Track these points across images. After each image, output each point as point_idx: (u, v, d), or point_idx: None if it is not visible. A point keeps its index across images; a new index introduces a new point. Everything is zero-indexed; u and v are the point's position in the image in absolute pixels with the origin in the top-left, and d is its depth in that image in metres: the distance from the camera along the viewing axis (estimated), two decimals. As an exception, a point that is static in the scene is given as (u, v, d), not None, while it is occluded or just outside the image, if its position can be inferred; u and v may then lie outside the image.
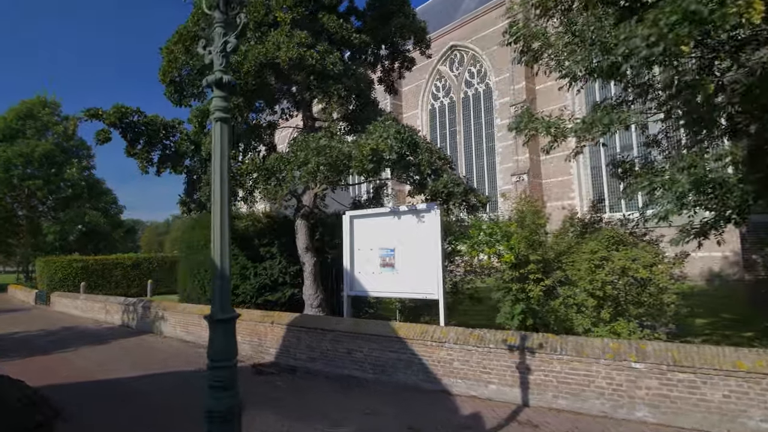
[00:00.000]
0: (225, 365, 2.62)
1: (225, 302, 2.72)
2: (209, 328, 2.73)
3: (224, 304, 2.71)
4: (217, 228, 2.77)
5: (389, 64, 13.13)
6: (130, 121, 9.03)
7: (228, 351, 2.67)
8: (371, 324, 7.74)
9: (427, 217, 7.82)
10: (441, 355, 6.69)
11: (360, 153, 7.06)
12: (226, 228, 2.79)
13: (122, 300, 15.09)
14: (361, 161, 7.16)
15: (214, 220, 2.79)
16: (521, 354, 6.06)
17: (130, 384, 7.61)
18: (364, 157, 7.04)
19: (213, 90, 2.88)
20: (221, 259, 2.73)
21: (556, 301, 7.29)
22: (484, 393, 6.30)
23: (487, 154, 27.46)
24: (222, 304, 2.70)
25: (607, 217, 8.81)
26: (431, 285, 7.57)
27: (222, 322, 2.67)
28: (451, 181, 9.29)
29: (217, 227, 2.77)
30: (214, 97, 2.86)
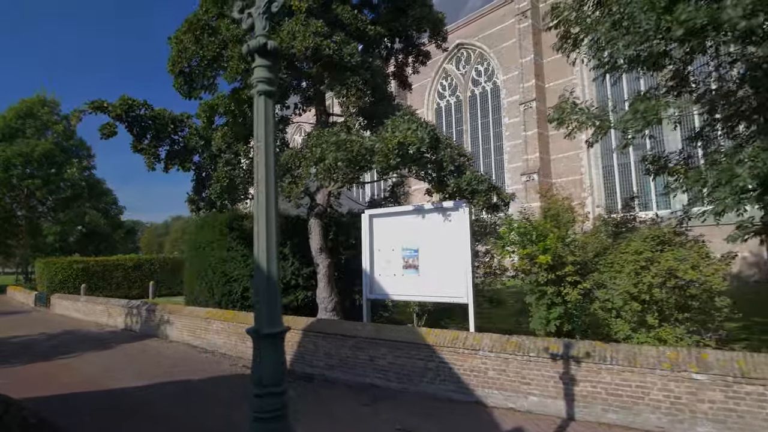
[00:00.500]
0: (274, 391, 2.14)
1: (273, 312, 2.24)
2: (253, 345, 2.25)
3: (273, 314, 2.23)
4: (262, 222, 2.29)
5: (403, 58, 12.68)
6: (137, 115, 8.55)
7: (277, 373, 2.19)
8: (396, 330, 7.25)
9: (454, 216, 7.35)
10: (474, 363, 6.21)
11: (385, 146, 6.58)
12: (272, 222, 2.31)
13: (125, 302, 14.59)
14: (386, 155, 6.69)
15: (258, 212, 2.31)
16: (566, 363, 5.58)
17: (136, 394, 7.11)
18: (390, 151, 6.56)
19: (255, 58, 2.41)
20: (268, 259, 2.25)
21: (594, 304, 6.84)
22: (524, 405, 5.82)
23: (495, 153, 27.01)
24: (270, 314, 2.22)
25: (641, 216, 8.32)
26: (459, 288, 7.09)
27: (270, 338, 2.19)
28: (475, 179, 8.81)
29: (262, 221, 2.29)
30: (257, 66, 2.39)
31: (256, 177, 2.35)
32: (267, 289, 2.25)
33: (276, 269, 2.28)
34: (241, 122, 9.57)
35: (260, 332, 2.18)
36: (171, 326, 11.59)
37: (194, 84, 8.36)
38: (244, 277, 10.47)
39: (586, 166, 22.65)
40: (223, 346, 9.86)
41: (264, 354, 2.20)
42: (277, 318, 2.25)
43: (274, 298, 2.25)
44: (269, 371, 2.18)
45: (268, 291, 2.25)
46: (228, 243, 10.87)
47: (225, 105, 9.38)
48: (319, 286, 9.92)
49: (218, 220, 11.14)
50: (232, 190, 8.84)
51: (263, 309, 2.23)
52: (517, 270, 7.13)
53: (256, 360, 2.23)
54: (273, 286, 2.26)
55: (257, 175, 2.35)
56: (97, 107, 8.04)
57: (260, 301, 2.25)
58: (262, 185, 2.31)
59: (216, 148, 8.86)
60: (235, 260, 10.68)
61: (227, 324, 9.81)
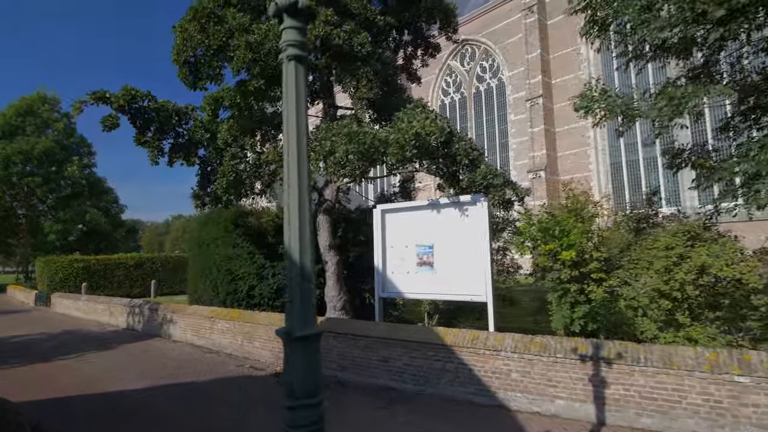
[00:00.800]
0: (309, 403, 1.83)
1: (307, 311, 1.93)
2: (285, 350, 1.94)
3: (306, 314, 1.92)
4: (294, 208, 1.98)
5: (411, 51, 12.36)
6: (140, 106, 8.22)
7: (312, 382, 1.88)
8: (411, 329, 6.95)
9: (471, 210, 7.03)
10: (496, 365, 5.90)
11: (402, 137, 6.26)
12: (306, 208, 2.00)
13: (127, 301, 14.29)
14: (401, 147, 6.37)
15: (289, 197, 2.00)
16: (596, 365, 5.27)
17: (139, 397, 6.80)
18: (406, 142, 6.25)
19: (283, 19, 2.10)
20: (301, 250, 1.94)
21: (620, 303, 6.53)
22: (550, 409, 5.51)
23: (500, 150, 26.68)
24: (303, 314, 1.91)
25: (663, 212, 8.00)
26: (477, 286, 6.78)
27: (304, 342, 1.89)
28: (490, 173, 8.50)
29: (294, 207, 1.98)
30: (286, 28, 2.08)
31: (286, 156, 2.04)
32: (300, 285, 1.94)
33: (310, 262, 1.97)
34: (247, 115, 9.26)
35: (292, 335, 1.87)
36: (174, 326, 11.29)
37: (200, 74, 8.04)
38: (250, 276, 10.16)
39: (593, 163, 22.34)
40: (228, 346, 9.57)
41: (296, 360, 1.89)
42: (311, 318, 1.94)
43: (307, 295, 1.94)
44: (303, 380, 1.87)
45: (302, 287, 1.94)
46: (233, 240, 10.56)
47: (230, 97, 9.07)
48: (327, 284, 9.62)
49: (223, 217, 10.84)
50: (238, 185, 8.53)
51: (296, 308, 1.92)
52: (537, 267, 6.81)
53: (287, 367, 1.92)
54: (307, 282, 1.95)
55: (287, 153, 2.04)
56: (98, 98, 7.72)
57: (292, 299, 1.94)
58: (293, 166, 2.00)
59: (222, 141, 8.54)
60: (240, 258, 10.37)
61: (233, 323, 9.51)
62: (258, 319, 9.04)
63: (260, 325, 8.92)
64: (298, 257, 1.95)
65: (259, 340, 8.94)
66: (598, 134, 22.41)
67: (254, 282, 10.11)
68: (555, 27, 24.43)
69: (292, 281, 1.96)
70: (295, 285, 1.95)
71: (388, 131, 6.75)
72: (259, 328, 8.95)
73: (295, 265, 1.95)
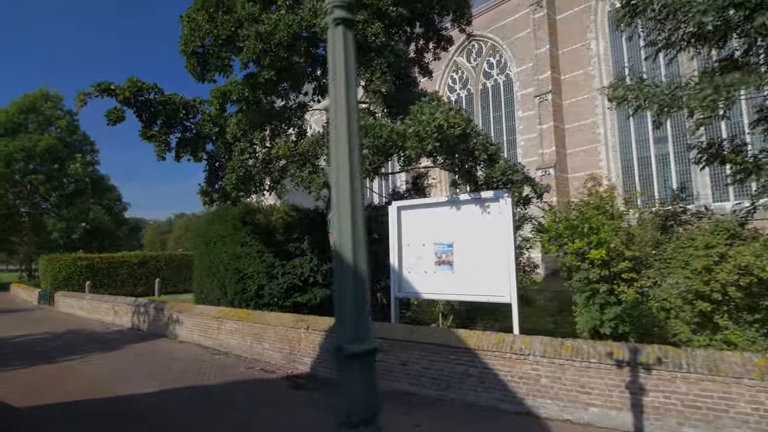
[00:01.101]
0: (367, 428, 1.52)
1: (361, 322, 1.61)
2: (337, 366, 1.62)
3: (361, 325, 1.60)
4: (345, 202, 1.66)
5: (423, 44, 12.01)
6: (146, 99, 7.90)
7: (370, 404, 1.57)
8: (431, 331, 6.64)
9: (493, 207, 6.71)
10: (524, 369, 5.59)
11: (423, 130, 5.94)
12: (359, 201, 1.69)
13: (131, 301, 14.03)
14: (422, 140, 6.05)
15: (339, 189, 1.69)
16: (633, 370, 4.95)
17: (147, 401, 6.51)
18: (428, 135, 5.93)
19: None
20: (354, 248, 1.63)
21: (651, 304, 6.22)
22: (583, 417, 5.20)
23: (508, 147, 26.27)
24: (357, 325, 1.60)
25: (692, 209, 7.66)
26: (500, 286, 6.46)
27: (359, 358, 1.57)
28: (509, 168, 8.18)
29: (345, 201, 1.66)
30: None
31: (334, 139, 1.72)
32: (353, 291, 1.62)
33: (365, 264, 1.66)
34: (256, 109, 8.95)
35: (346, 350, 1.56)
36: (181, 326, 11.02)
37: (208, 65, 7.73)
38: (259, 275, 9.86)
39: (604, 160, 21.94)
40: (237, 348, 9.28)
41: (351, 380, 1.57)
42: (367, 330, 1.62)
43: (362, 302, 1.63)
44: (360, 400, 1.56)
45: (355, 293, 1.62)
46: (241, 238, 10.26)
47: (238, 91, 8.76)
48: (339, 283, 9.31)
49: (230, 214, 10.54)
50: (247, 181, 8.22)
51: (348, 318, 1.61)
52: (563, 266, 6.49)
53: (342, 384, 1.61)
54: (361, 288, 1.63)
55: (336, 136, 1.72)
56: (103, 90, 7.41)
57: (344, 308, 1.62)
58: (343, 149, 1.69)
59: (231, 135, 8.23)
60: (249, 256, 10.07)
61: (242, 324, 9.22)
62: (268, 320, 8.75)
63: (270, 325, 8.63)
64: (351, 256, 1.64)
65: (269, 341, 8.65)
66: (609, 131, 22.01)
67: (263, 281, 9.81)
68: (564, 22, 24.01)
69: (342, 285, 1.65)
70: (346, 290, 1.63)
71: (406, 124, 6.43)
72: (268, 329, 8.66)
73: (346, 265, 1.63)
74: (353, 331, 1.59)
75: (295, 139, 9.12)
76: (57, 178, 31.96)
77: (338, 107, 1.73)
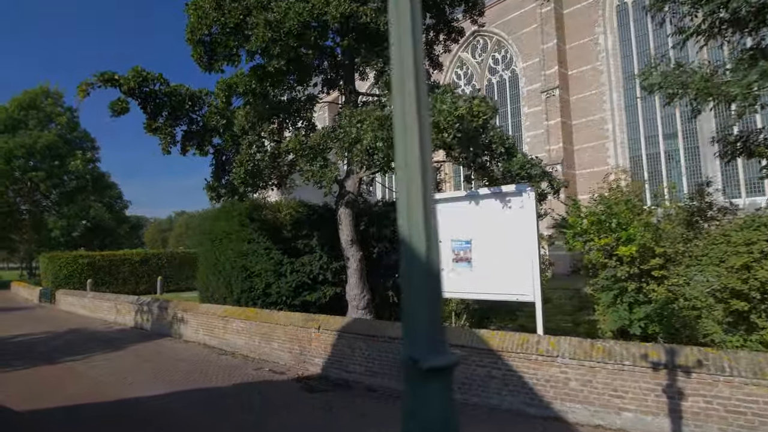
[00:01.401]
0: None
1: (437, 330, 1.32)
2: (406, 382, 1.33)
3: (436, 333, 1.31)
4: (416, 190, 1.37)
5: (433, 35, 11.69)
6: (151, 90, 7.60)
7: (449, 428, 1.28)
8: (450, 332, 6.36)
9: (515, 202, 6.42)
10: (551, 372, 5.31)
11: (443, 120, 5.64)
12: (430, 189, 1.39)
13: (134, 299, 13.76)
14: (441, 131, 5.76)
15: (408, 175, 1.39)
16: (671, 374, 4.67)
17: (153, 405, 6.24)
18: (449, 125, 5.64)
19: None
20: (427, 245, 1.34)
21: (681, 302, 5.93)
22: (615, 422, 4.92)
23: (514, 144, 26.03)
24: (433, 333, 1.31)
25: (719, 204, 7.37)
26: (523, 284, 6.17)
27: (439, 374, 1.28)
28: (528, 162, 7.91)
29: (416, 188, 1.37)
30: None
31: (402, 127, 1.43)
32: (428, 292, 1.33)
33: (438, 259, 1.37)
34: (263, 102, 8.66)
35: (421, 364, 1.27)
36: (185, 325, 10.74)
37: (215, 55, 7.43)
38: (267, 272, 9.58)
39: (612, 156, 21.65)
40: (244, 347, 9.01)
41: (426, 400, 1.28)
42: (443, 339, 1.33)
43: (438, 305, 1.34)
44: (434, 427, 1.27)
45: (430, 294, 1.33)
46: (248, 235, 9.97)
47: (245, 83, 8.46)
48: (349, 281, 9.04)
49: (237, 210, 10.25)
50: (255, 175, 7.93)
51: (422, 323, 1.31)
52: (589, 263, 6.20)
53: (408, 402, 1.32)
54: (436, 288, 1.34)
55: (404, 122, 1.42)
56: (106, 80, 7.11)
57: (415, 311, 1.33)
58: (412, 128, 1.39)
59: (239, 128, 7.93)
60: (256, 253, 9.78)
61: (249, 323, 8.95)
62: (276, 319, 8.47)
63: (279, 325, 8.35)
64: (424, 251, 1.34)
65: (278, 341, 8.38)
66: (617, 127, 21.72)
67: (271, 279, 9.52)
68: (571, 17, 23.70)
69: (411, 285, 1.35)
70: (418, 291, 1.34)
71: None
72: (277, 328, 8.38)
73: (417, 262, 1.34)
74: (429, 340, 1.30)
75: (304, 133, 8.82)
76: (57, 175, 31.68)
77: (405, 91, 1.43)
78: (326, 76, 10.83)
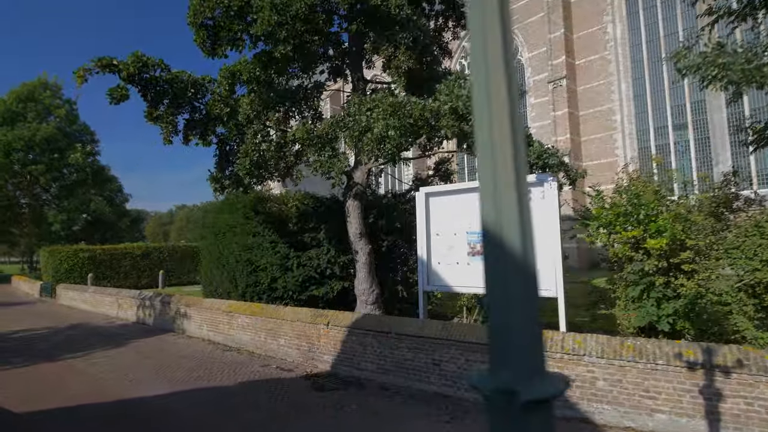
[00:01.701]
0: None
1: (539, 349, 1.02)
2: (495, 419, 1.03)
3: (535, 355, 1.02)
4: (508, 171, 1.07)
5: (443, 22, 11.32)
6: (151, 76, 7.25)
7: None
8: (467, 328, 6.08)
9: (536, 192, 6.12)
10: (577, 371, 5.03)
11: (462, 105, 5.32)
12: (524, 177, 1.09)
13: (136, 293, 13.50)
14: (460, 117, 5.43)
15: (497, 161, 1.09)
16: (708, 374, 4.39)
17: (156, 406, 5.97)
18: (470, 111, 5.31)
19: None
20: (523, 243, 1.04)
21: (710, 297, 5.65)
22: (647, 424, 4.65)
23: (519, 136, 25.63)
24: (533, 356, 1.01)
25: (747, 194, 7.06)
26: (545, 279, 5.89)
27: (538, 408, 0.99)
28: (545, 151, 7.59)
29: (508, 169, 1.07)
30: None
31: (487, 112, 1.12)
32: (524, 302, 1.03)
33: (534, 256, 1.07)
34: (269, 89, 8.32)
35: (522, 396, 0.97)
36: (189, 320, 10.49)
37: (218, 39, 7.08)
38: (272, 266, 9.29)
39: (620, 147, 21.28)
40: (249, 343, 8.75)
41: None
42: (543, 362, 1.03)
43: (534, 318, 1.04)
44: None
45: (525, 306, 1.03)
46: (253, 228, 9.67)
47: (248, 71, 8.12)
48: (358, 276, 8.75)
49: (241, 203, 9.94)
50: (261, 166, 7.62)
51: (518, 341, 1.02)
52: (614, 256, 5.91)
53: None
54: (532, 296, 1.04)
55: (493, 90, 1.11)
56: (105, 65, 6.76)
57: (508, 324, 1.03)
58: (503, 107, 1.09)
59: (243, 116, 7.61)
60: (261, 247, 9.49)
61: (254, 319, 8.68)
62: (283, 315, 8.19)
63: (286, 321, 8.08)
64: (518, 247, 1.04)
65: (285, 337, 8.12)
66: (626, 118, 21.32)
67: (277, 273, 9.24)
68: (579, 5, 23.20)
69: (502, 291, 1.05)
70: (510, 299, 1.04)
71: (440, 100, 5.81)
72: (284, 324, 8.11)
73: (509, 260, 1.04)
74: (528, 363, 1.00)
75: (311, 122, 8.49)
76: (57, 168, 31.34)
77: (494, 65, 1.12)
78: (332, 64, 10.48)
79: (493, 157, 1.12)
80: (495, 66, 1.16)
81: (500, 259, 1.07)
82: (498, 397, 1.01)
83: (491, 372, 1.04)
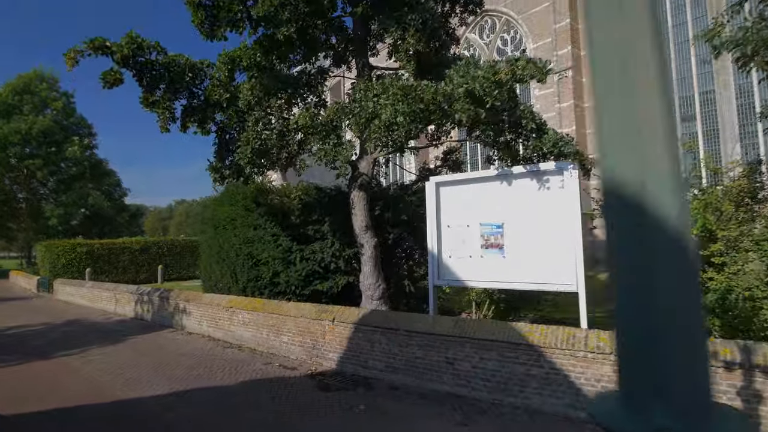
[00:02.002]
0: None
1: (702, 383, 0.69)
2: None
3: (701, 389, 0.68)
4: (660, 123, 0.73)
5: (449, 8, 10.91)
6: (147, 60, 6.87)
7: None
8: (484, 325, 5.76)
9: (554, 181, 5.77)
10: (603, 371, 4.72)
11: (479, 87, 4.96)
12: (678, 160, 0.76)
13: (134, 288, 13.19)
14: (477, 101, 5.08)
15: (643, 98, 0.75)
16: (747, 374, 4.08)
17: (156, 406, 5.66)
18: (487, 93, 4.95)
19: None
20: (683, 232, 0.70)
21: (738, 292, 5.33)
22: (679, 429, 4.33)
23: (523, 128, 25.25)
24: (698, 389, 0.67)
25: None
26: (566, 273, 5.56)
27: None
28: (561, 140, 7.24)
29: (660, 120, 0.73)
30: None
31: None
32: (686, 311, 0.69)
33: (697, 260, 0.73)
34: (270, 74, 7.95)
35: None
36: (188, 316, 10.18)
37: (217, 21, 6.70)
38: (274, 260, 8.96)
39: (627, 140, 20.90)
40: (251, 340, 8.45)
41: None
42: (711, 396, 0.69)
43: (701, 336, 0.71)
44: None
45: (690, 321, 0.70)
46: (254, 221, 9.34)
47: (249, 56, 7.74)
48: (363, 270, 8.42)
49: (241, 195, 9.60)
50: (263, 154, 7.27)
51: (673, 364, 0.68)
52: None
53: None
54: (695, 301, 0.71)
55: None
56: (97, 47, 6.37)
57: (657, 343, 0.69)
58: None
59: (244, 102, 7.24)
60: (263, 240, 9.15)
61: (256, 314, 8.37)
62: (286, 310, 7.88)
63: (289, 317, 7.76)
64: (681, 252, 0.70)
65: (288, 334, 7.80)
66: (633, 109, 20.94)
67: (279, 268, 8.91)
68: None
69: (651, 292, 0.71)
70: (664, 307, 0.70)
71: (455, 83, 5.44)
72: (287, 320, 7.80)
73: (680, 268, 0.70)
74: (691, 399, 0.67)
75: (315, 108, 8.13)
76: (54, 162, 30.94)
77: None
78: (335, 51, 10.09)
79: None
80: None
81: (640, 235, 0.73)
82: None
83: (633, 407, 0.70)
